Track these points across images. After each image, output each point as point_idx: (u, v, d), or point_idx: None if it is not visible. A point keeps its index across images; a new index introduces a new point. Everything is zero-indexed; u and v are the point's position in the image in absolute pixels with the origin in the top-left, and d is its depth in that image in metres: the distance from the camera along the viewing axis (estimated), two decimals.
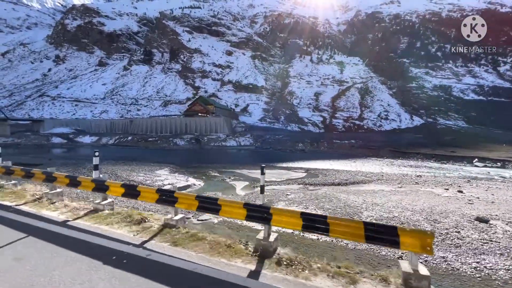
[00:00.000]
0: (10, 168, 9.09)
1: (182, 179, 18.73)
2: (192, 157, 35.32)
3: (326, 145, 43.44)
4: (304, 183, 18.47)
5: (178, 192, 5.35)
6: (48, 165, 25.54)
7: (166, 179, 18.50)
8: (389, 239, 3.61)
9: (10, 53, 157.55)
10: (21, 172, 8.24)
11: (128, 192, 5.84)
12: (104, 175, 18.89)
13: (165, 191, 5.47)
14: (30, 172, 8.00)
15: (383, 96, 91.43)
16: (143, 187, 5.82)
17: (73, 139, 50.33)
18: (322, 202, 13.36)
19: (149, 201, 5.59)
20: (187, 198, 5.19)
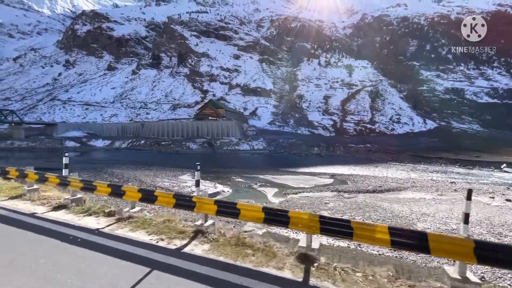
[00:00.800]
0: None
1: (209, 185, 18.11)
2: (208, 161, 34.75)
3: (342, 149, 42.50)
4: (337, 190, 17.68)
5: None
6: (70, 170, 25.28)
7: (193, 185, 17.89)
8: None
9: (21, 58, 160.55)
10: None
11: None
12: (132, 182, 18.45)
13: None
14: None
15: (394, 99, 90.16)
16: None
17: (86, 143, 50.30)
18: (367, 212, 12.59)
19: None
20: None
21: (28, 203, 7.38)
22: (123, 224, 5.72)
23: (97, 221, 5.95)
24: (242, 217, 4.86)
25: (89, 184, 6.81)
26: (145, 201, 5.94)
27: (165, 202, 5.64)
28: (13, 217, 6.08)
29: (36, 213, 6.44)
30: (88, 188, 6.82)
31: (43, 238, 4.88)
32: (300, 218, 4.31)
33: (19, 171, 8.98)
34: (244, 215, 4.83)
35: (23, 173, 8.63)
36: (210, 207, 5.11)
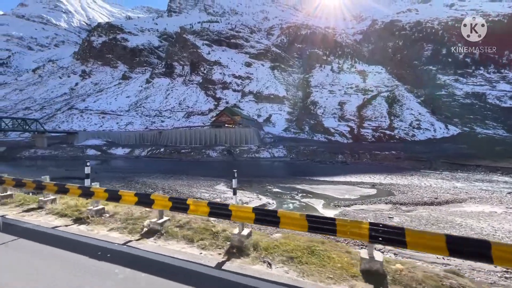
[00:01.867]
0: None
1: (251, 196, 17.09)
2: (232, 170, 33.72)
3: (368, 157, 40.87)
4: (391, 202, 16.34)
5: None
6: (98, 180, 24.93)
7: (233, 196, 16.90)
8: None
9: (40, 69, 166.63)
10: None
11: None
12: (170, 193, 17.67)
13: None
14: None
15: (412, 104, 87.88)
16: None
17: (106, 151, 50.44)
18: (444, 229, 11.28)
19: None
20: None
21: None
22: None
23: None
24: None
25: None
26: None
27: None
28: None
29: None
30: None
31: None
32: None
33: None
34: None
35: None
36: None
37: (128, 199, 6.31)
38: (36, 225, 6.15)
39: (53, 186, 7.63)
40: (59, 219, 6.72)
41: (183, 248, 4.96)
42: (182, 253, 4.70)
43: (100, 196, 6.70)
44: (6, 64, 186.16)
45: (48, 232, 5.67)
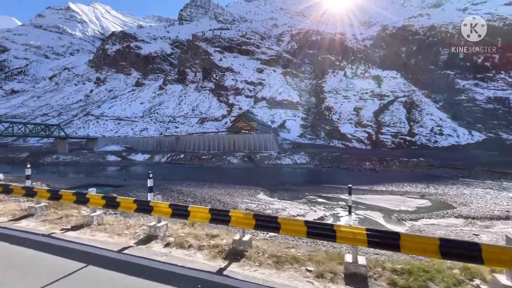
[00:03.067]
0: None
1: (304, 208, 15.86)
2: (262, 177, 32.73)
3: (398, 164, 39.11)
4: (461, 215, 14.88)
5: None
6: (130, 187, 24.18)
7: (284, 207, 15.70)
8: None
9: (56, 77, 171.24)
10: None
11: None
12: (211, 203, 16.60)
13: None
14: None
15: (431, 110, 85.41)
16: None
17: (126, 157, 50.21)
18: None
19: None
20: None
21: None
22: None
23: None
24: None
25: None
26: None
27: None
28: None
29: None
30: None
31: None
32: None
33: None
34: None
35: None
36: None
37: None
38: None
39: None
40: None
41: None
42: None
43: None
44: (24, 72, 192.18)
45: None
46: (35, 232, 5.94)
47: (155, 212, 5.86)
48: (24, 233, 5.82)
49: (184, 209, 5.63)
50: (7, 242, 5.14)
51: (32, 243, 5.19)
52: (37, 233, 5.86)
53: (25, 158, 48.25)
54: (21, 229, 6.17)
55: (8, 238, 5.45)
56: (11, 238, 5.42)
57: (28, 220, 7.05)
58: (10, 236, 5.60)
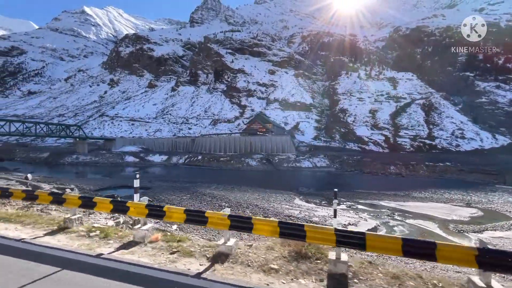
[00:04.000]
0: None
1: (352, 216, 14.95)
2: (285, 180, 31.88)
3: (425, 169, 37.55)
4: None
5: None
6: (157, 190, 23.78)
7: (331, 215, 14.84)
8: None
9: (71, 78, 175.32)
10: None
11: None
12: (250, 209, 15.88)
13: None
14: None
15: (451, 112, 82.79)
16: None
17: (144, 158, 50.26)
18: None
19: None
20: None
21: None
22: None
23: None
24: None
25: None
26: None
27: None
28: None
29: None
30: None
31: None
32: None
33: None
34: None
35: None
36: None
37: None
38: None
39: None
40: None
41: None
42: None
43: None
44: (40, 74, 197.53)
45: None
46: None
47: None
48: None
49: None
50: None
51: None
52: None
53: (46, 158, 48.93)
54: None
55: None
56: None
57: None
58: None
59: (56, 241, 5.25)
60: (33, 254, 4.35)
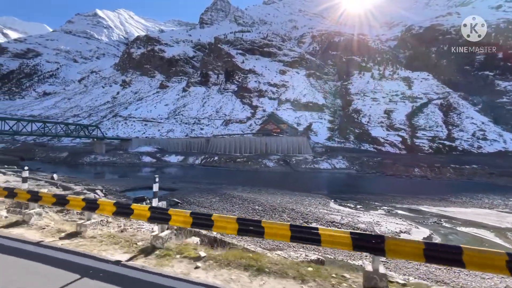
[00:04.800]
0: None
1: (400, 222, 14.09)
2: (308, 182, 31.14)
3: (452, 171, 36.04)
4: None
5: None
6: (183, 191, 23.38)
7: (376, 221, 14.02)
8: None
9: (85, 80, 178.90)
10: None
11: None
12: (286, 213, 15.18)
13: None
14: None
15: (470, 113, 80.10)
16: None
17: (160, 158, 50.34)
18: None
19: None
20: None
21: None
22: None
23: None
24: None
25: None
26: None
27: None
28: None
29: None
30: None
31: None
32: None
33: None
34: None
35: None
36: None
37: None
38: None
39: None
40: None
41: None
42: None
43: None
44: (55, 75, 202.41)
45: None
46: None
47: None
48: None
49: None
50: None
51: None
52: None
53: (65, 158, 49.61)
54: None
55: None
56: None
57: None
58: None
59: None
60: None
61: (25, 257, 4.16)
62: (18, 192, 6.65)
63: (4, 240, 5.00)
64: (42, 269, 3.79)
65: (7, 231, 5.85)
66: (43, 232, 6.00)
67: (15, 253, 4.33)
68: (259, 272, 4.10)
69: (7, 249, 4.50)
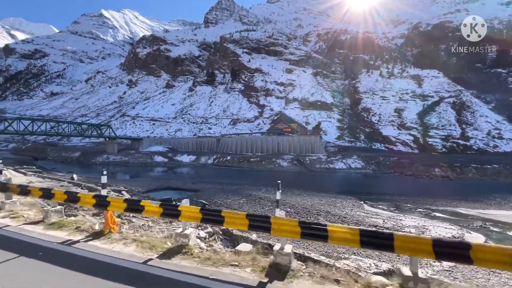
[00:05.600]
0: None
1: (449, 227, 13.36)
2: (328, 182, 30.47)
3: (475, 171, 35.05)
4: None
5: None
6: (206, 192, 22.89)
7: (421, 225, 13.32)
8: None
9: (91, 80, 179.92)
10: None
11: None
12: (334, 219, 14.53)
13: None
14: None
15: (484, 111, 78.50)
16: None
17: (172, 158, 50.06)
18: None
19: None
20: None
21: None
22: None
23: None
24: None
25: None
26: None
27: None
28: None
29: None
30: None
31: None
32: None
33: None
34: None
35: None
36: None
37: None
38: None
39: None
40: None
41: None
42: None
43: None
44: (61, 75, 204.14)
45: None
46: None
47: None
48: None
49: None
50: None
51: None
52: None
53: (78, 158, 49.60)
54: None
55: None
56: None
57: None
58: None
59: None
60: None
61: None
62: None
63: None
64: None
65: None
66: None
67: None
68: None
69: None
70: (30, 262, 3.98)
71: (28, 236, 5.26)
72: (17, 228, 5.91)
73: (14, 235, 5.38)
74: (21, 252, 4.26)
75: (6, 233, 5.48)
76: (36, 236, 5.24)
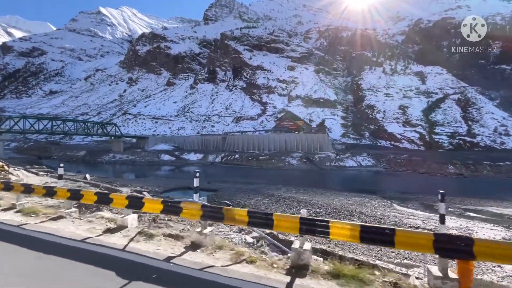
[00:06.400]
0: None
1: (497, 228, 12.86)
2: (343, 180, 29.99)
3: (489, 169, 34.70)
4: None
5: None
6: (225, 191, 22.29)
7: (466, 227, 12.77)
8: None
9: (91, 78, 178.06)
10: None
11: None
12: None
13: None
14: None
15: (490, 108, 78.26)
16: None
17: (179, 156, 49.39)
18: None
19: None
20: None
21: None
22: None
23: None
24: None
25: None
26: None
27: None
28: None
29: None
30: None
31: None
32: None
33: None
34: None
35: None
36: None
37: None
38: None
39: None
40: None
41: None
42: None
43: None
44: (60, 73, 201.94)
45: None
46: None
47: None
48: None
49: None
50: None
51: None
52: None
53: (83, 157, 48.81)
54: None
55: None
56: None
57: None
58: None
59: None
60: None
61: None
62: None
63: None
64: None
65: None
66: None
67: None
68: None
69: None
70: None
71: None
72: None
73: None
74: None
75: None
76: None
